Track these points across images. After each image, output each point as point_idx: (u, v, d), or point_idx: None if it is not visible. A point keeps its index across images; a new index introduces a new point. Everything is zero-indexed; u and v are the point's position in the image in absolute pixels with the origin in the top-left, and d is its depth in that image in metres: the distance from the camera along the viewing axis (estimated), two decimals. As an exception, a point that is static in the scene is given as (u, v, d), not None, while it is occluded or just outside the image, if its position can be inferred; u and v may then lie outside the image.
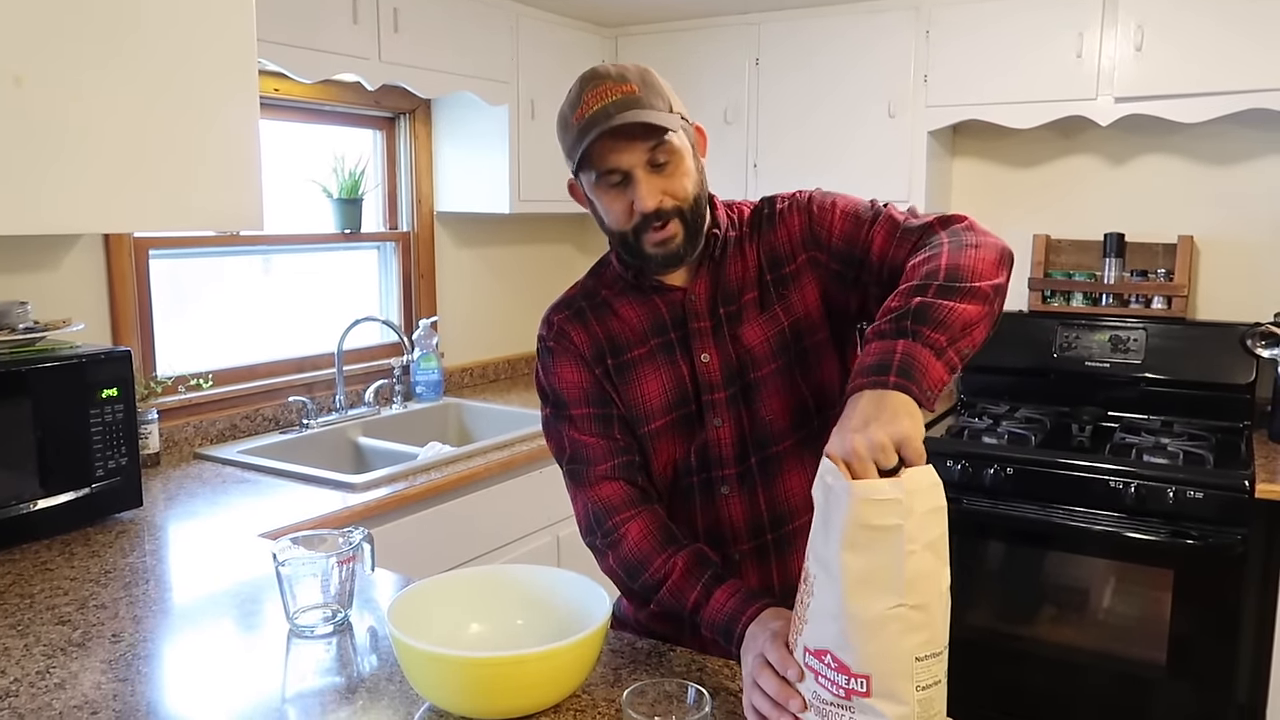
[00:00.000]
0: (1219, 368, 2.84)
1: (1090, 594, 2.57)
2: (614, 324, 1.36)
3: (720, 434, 1.32)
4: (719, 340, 1.33)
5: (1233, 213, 2.93)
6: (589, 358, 1.36)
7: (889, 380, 0.98)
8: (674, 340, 1.34)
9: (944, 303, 1.06)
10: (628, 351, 1.35)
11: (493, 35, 3.00)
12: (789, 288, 1.33)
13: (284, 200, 2.86)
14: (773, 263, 1.34)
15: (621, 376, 1.34)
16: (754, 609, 1.16)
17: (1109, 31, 2.69)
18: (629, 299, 1.37)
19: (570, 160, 1.27)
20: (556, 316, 1.39)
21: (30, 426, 1.81)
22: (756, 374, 1.32)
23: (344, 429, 2.80)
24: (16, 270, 2.18)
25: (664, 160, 1.24)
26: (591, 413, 1.35)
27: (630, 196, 1.24)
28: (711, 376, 1.32)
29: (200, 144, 1.80)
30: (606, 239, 1.35)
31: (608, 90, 1.22)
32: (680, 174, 1.26)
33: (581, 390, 1.35)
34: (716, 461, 1.33)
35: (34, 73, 1.51)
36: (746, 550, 1.34)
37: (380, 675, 1.25)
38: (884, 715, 0.91)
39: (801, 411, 1.33)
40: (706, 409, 1.32)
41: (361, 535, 1.45)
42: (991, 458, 2.62)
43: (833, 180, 3.11)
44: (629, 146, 1.22)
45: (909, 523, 0.89)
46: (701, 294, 1.34)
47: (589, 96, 1.22)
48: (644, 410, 1.34)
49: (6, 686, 1.23)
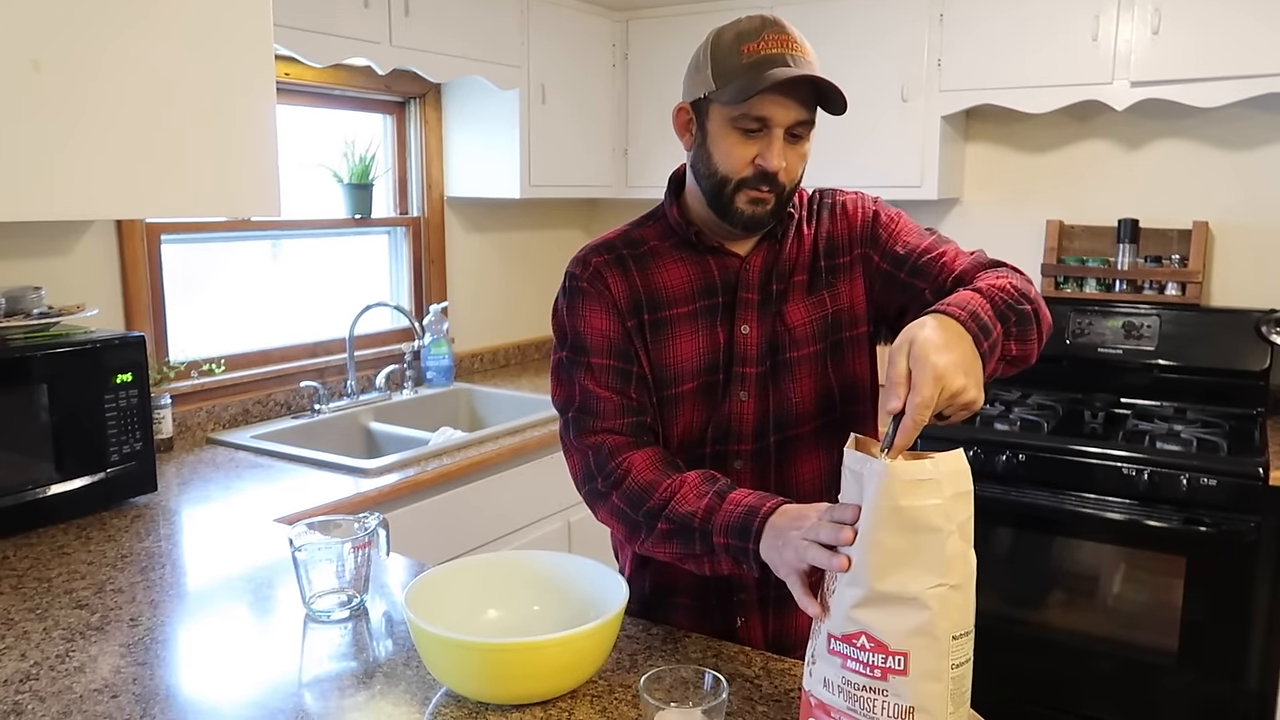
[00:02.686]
0: (1233, 354, 2.82)
1: (1102, 581, 2.57)
2: (657, 277, 1.31)
3: (744, 408, 1.31)
4: (763, 315, 1.32)
5: (1248, 198, 2.91)
6: (624, 309, 1.30)
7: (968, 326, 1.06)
8: (720, 305, 1.31)
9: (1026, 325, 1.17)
10: (668, 309, 1.30)
11: (503, 19, 2.98)
12: (839, 278, 1.34)
13: (295, 185, 2.86)
14: (829, 250, 1.35)
15: (656, 333, 1.30)
16: (773, 503, 1.13)
17: (1125, 15, 2.67)
18: (680, 255, 1.33)
19: (712, 85, 1.22)
20: (595, 259, 1.33)
21: (46, 411, 1.82)
22: (793, 354, 1.31)
23: (356, 414, 2.80)
24: (30, 255, 2.18)
25: (800, 133, 1.24)
26: (612, 365, 1.29)
27: (758, 148, 1.22)
28: (747, 349, 1.31)
29: (216, 130, 1.79)
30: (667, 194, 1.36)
31: (790, 42, 1.21)
32: (802, 154, 1.27)
33: (607, 340, 1.30)
34: (735, 435, 1.32)
35: (52, 58, 1.50)
36: None
37: (397, 660, 1.25)
38: (920, 692, 0.92)
39: (827, 399, 1.33)
40: (735, 381, 1.31)
41: (377, 520, 1.45)
42: (1004, 444, 2.61)
43: (846, 166, 3.11)
44: (789, 105, 1.21)
45: (947, 504, 0.90)
46: (757, 266, 1.33)
47: (771, 38, 1.21)
48: (674, 371, 1.30)
49: (27, 670, 1.24)
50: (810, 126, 1.25)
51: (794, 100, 1.21)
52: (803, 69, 1.19)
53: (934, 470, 0.91)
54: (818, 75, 1.19)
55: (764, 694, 1.17)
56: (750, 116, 1.20)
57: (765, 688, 1.18)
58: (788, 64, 1.18)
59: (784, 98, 1.20)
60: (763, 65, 1.18)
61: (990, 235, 3.28)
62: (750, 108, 1.20)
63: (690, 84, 1.27)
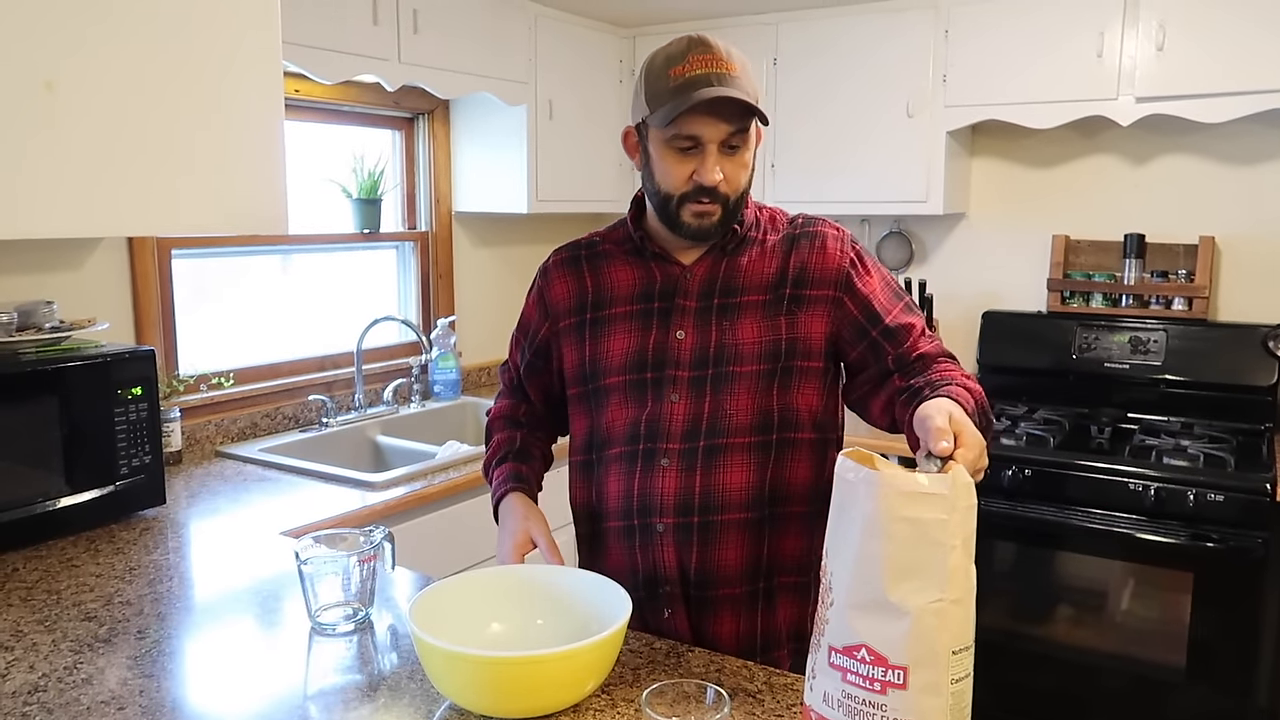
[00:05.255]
0: (1240, 369, 2.82)
1: (1109, 596, 2.56)
2: (605, 278, 1.44)
3: (674, 409, 1.37)
4: (701, 323, 1.38)
5: (1255, 213, 2.91)
6: (560, 310, 1.47)
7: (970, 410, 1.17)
8: (655, 309, 1.40)
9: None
10: (610, 308, 1.42)
11: (511, 36, 3.01)
12: (803, 308, 1.38)
13: (304, 200, 2.88)
14: (799, 280, 1.38)
15: (595, 329, 1.43)
16: (509, 488, 1.50)
17: (1130, 30, 2.68)
18: (629, 260, 1.44)
19: (646, 109, 1.31)
20: (554, 257, 1.52)
21: (57, 424, 1.83)
22: (735, 368, 1.36)
23: (363, 427, 2.82)
24: (42, 270, 2.21)
25: (737, 145, 1.30)
26: (527, 352, 1.54)
27: (694, 165, 1.30)
28: (680, 354, 1.38)
29: (226, 148, 1.81)
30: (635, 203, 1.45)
31: (715, 61, 1.27)
32: (742, 164, 1.32)
33: (532, 329, 1.53)
34: (664, 434, 1.37)
35: (64, 78, 1.53)
36: (669, 525, 1.37)
37: (401, 673, 1.26)
38: (920, 707, 0.92)
39: (765, 419, 1.36)
40: (666, 382, 1.38)
41: (383, 534, 1.46)
42: (1010, 459, 2.61)
43: (852, 181, 3.13)
44: (716, 122, 1.27)
45: (951, 518, 0.91)
46: (699, 275, 1.39)
47: (695, 59, 1.27)
48: (604, 364, 1.41)
49: (35, 681, 1.25)
50: (745, 136, 1.31)
51: (721, 118, 1.27)
52: (727, 87, 1.25)
53: (941, 486, 0.92)
54: (735, 95, 1.25)
55: (766, 709, 1.17)
56: (683, 136, 1.29)
57: (767, 703, 1.18)
58: (712, 84, 1.25)
59: (711, 116, 1.27)
60: (689, 87, 1.25)
61: (996, 250, 3.28)
62: (681, 127, 1.28)
63: (632, 108, 1.37)
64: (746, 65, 1.30)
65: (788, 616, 1.41)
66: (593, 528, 1.48)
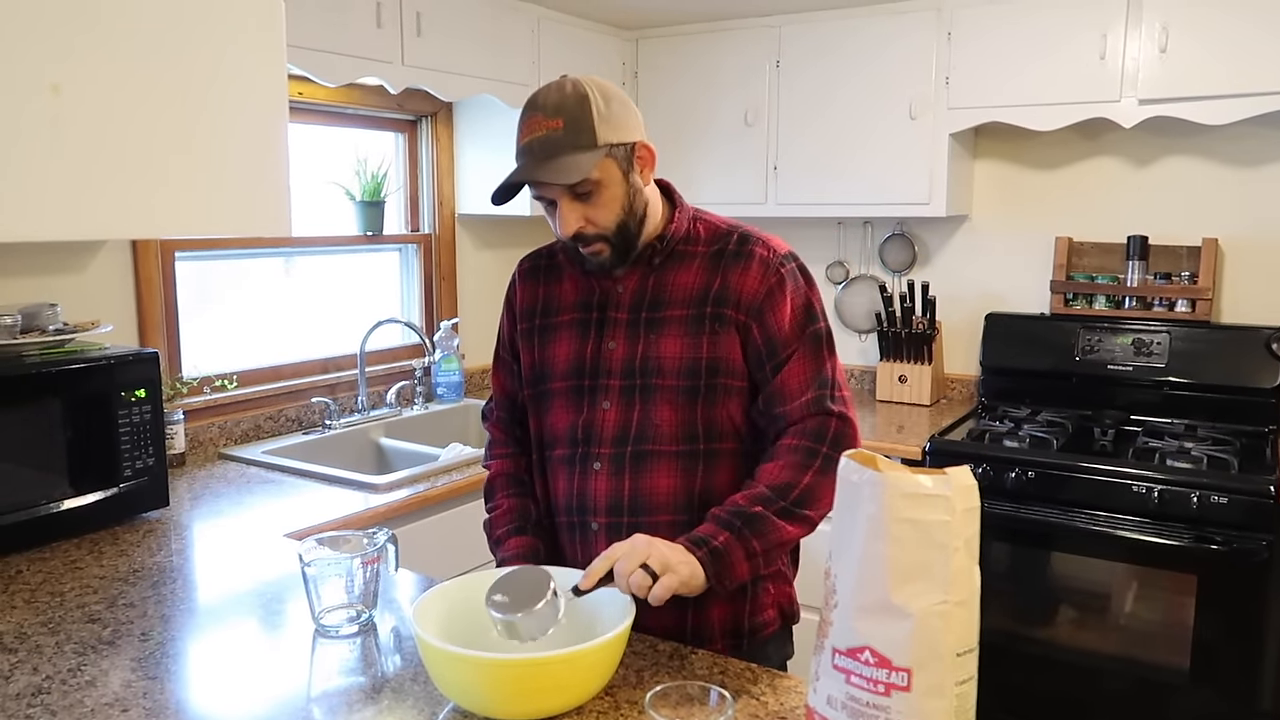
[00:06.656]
0: (1244, 371, 2.81)
1: (1112, 599, 2.55)
2: (555, 288, 1.51)
3: (606, 416, 1.42)
4: (632, 335, 1.42)
5: (1258, 215, 2.91)
6: (521, 312, 1.53)
7: (698, 552, 1.26)
8: (593, 320, 1.46)
9: (779, 522, 1.31)
10: (556, 315, 1.49)
11: (514, 38, 3.01)
12: (724, 328, 1.40)
13: (308, 202, 2.89)
14: (720, 298, 1.40)
15: (543, 335, 1.50)
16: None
17: (1133, 32, 2.67)
18: (575, 272, 1.50)
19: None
20: (520, 267, 1.58)
21: (60, 426, 1.84)
22: (658, 381, 1.40)
23: (366, 430, 2.82)
24: (46, 272, 2.21)
25: (586, 191, 1.33)
26: (503, 357, 1.58)
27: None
28: (611, 363, 1.43)
29: (229, 150, 1.82)
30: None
31: (537, 124, 1.31)
32: (601, 204, 1.35)
33: (506, 336, 1.58)
34: (597, 439, 1.43)
35: (70, 81, 1.53)
36: (603, 524, 1.43)
37: (404, 675, 1.26)
38: (924, 709, 0.92)
39: (689, 430, 1.40)
40: (600, 390, 1.43)
41: (386, 536, 1.46)
42: (1013, 461, 2.61)
43: (854, 184, 3.13)
44: (548, 184, 1.32)
45: (954, 519, 0.91)
46: (629, 289, 1.44)
47: (523, 127, 1.33)
48: (549, 369, 1.48)
49: (39, 683, 1.25)
50: (585, 184, 1.32)
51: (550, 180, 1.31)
52: (541, 162, 1.30)
53: (943, 487, 0.92)
54: (537, 178, 1.31)
55: (770, 711, 1.17)
56: (534, 196, 1.37)
57: (771, 704, 1.18)
58: (534, 152, 1.31)
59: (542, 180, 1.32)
60: (520, 155, 1.33)
61: (999, 252, 3.28)
62: (532, 189, 1.36)
63: None
64: (584, 106, 1.29)
65: (721, 614, 1.43)
66: (552, 520, 1.53)
